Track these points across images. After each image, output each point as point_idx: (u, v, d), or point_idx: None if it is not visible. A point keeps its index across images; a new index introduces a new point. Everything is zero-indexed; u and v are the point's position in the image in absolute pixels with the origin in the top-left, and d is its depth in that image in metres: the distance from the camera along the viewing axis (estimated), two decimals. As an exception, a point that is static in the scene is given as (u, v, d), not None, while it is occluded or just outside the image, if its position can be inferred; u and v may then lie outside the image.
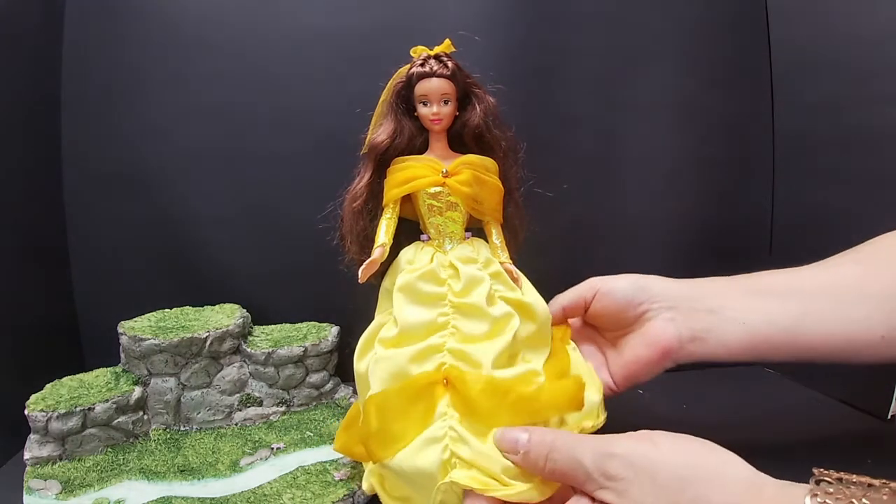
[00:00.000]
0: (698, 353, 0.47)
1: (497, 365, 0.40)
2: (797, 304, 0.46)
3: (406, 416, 0.38)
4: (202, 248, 0.68)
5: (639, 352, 0.48)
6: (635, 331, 0.49)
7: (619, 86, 0.70)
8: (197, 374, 0.58)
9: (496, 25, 0.66)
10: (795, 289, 0.47)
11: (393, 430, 0.38)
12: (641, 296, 0.48)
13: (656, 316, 0.48)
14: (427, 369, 0.40)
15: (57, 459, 0.52)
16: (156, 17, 0.66)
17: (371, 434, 0.39)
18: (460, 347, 0.40)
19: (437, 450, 0.37)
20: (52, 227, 0.66)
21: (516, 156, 0.49)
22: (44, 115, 0.65)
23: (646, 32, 0.69)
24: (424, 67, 0.45)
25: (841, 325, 0.45)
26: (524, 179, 0.51)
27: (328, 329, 0.64)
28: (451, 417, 0.38)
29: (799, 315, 0.45)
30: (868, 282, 0.45)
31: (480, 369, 0.39)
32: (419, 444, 0.38)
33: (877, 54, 0.59)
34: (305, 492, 0.48)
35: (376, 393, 0.40)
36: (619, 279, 0.50)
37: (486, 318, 0.42)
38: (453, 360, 0.40)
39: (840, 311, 0.45)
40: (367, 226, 0.47)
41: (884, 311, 0.44)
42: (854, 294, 0.45)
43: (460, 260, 0.44)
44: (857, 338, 0.44)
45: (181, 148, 0.67)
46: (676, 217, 0.72)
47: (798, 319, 0.45)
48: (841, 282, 0.46)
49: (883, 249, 0.48)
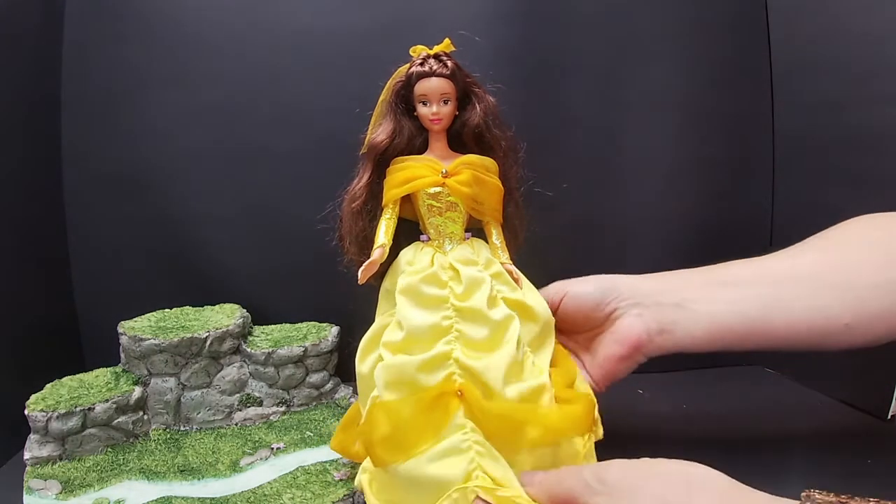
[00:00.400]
0: (667, 345, 0.48)
1: (508, 381, 0.40)
2: (761, 293, 0.46)
3: (419, 425, 0.38)
4: (202, 248, 0.68)
5: (611, 350, 0.49)
6: (606, 330, 0.50)
7: (619, 86, 0.70)
8: (197, 374, 0.58)
9: (496, 25, 0.66)
10: (760, 278, 0.48)
11: (404, 438, 0.38)
12: (609, 296, 0.49)
13: (624, 313, 0.49)
14: (437, 379, 0.40)
15: (57, 459, 0.52)
16: (156, 17, 0.66)
17: (378, 439, 0.39)
18: (469, 364, 0.40)
19: (461, 460, 0.37)
20: (52, 227, 0.66)
21: (516, 155, 0.49)
22: (44, 115, 0.65)
23: (646, 32, 0.69)
24: (424, 67, 0.45)
25: (805, 314, 0.45)
26: (524, 179, 0.51)
27: (328, 329, 0.64)
28: (472, 430, 0.38)
29: (763, 304, 0.46)
30: (832, 269, 0.46)
31: (493, 393, 0.39)
32: (437, 453, 0.38)
33: (877, 54, 0.58)
34: (305, 492, 0.48)
35: (387, 400, 0.40)
36: (586, 282, 0.50)
37: (487, 322, 0.41)
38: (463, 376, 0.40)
39: (804, 299, 0.45)
40: (367, 226, 0.47)
41: (846, 299, 0.44)
42: (817, 282, 0.46)
43: (460, 261, 0.44)
44: (821, 325, 0.45)
45: (181, 148, 0.67)
46: (676, 217, 0.72)
47: (762, 308, 0.46)
48: (805, 270, 0.47)
49: (848, 235, 0.48)
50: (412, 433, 0.38)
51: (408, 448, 0.38)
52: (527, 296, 0.45)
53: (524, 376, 0.42)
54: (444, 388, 0.39)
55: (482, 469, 0.37)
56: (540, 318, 0.45)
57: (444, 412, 0.39)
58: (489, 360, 0.40)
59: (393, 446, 0.38)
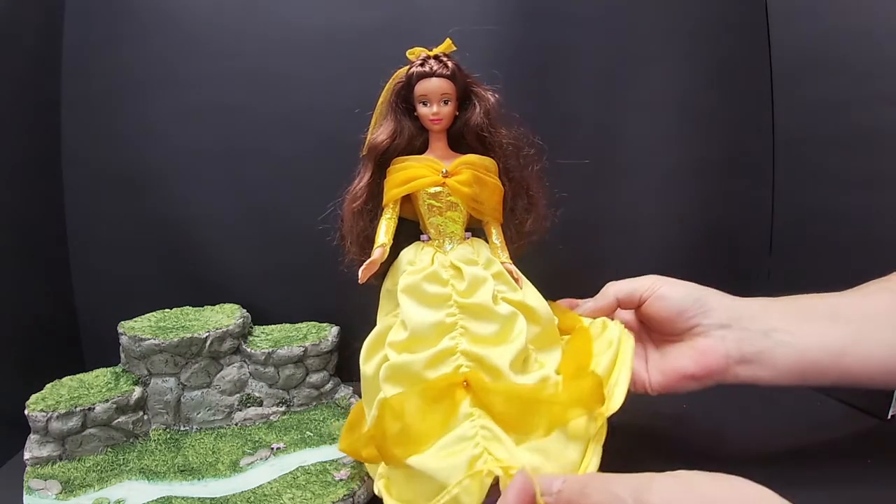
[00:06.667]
0: (744, 376, 0.46)
1: (514, 369, 0.40)
2: (844, 329, 0.46)
3: (426, 417, 0.38)
4: (202, 247, 0.68)
5: (682, 364, 0.47)
6: (684, 341, 0.48)
7: (620, 86, 0.70)
8: (197, 374, 0.58)
9: (496, 25, 0.66)
10: (841, 313, 0.47)
11: (413, 432, 0.38)
12: (696, 308, 0.47)
13: (708, 332, 0.47)
14: (444, 372, 0.40)
15: (57, 459, 0.52)
16: (156, 18, 0.66)
17: (387, 437, 0.38)
18: (475, 351, 0.40)
19: (468, 446, 0.37)
20: (52, 227, 0.66)
21: (519, 153, 0.49)
22: (44, 115, 0.65)
23: (646, 32, 0.69)
24: (424, 67, 0.45)
25: (881, 351, 0.45)
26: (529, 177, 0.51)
27: (328, 329, 0.64)
28: (480, 416, 0.38)
29: (846, 339, 0.45)
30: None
31: (500, 374, 0.39)
32: (447, 442, 0.37)
33: (877, 54, 0.59)
34: (305, 492, 0.48)
35: (392, 395, 0.39)
36: (678, 286, 0.49)
37: (494, 317, 0.41)
38: (468, 362, 0.40)
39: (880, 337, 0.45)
40: (367, 226, 0.47)
41: None
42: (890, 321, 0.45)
43: (461, 261, 0.44)
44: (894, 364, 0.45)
45: (181, 148, 0.67)
46: (676, 217, 0.72)
47: (845, 344, 0.45)
48: (878, 309, 0.46)
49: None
50: (421, 426, 0.38)
51: (418, 441, 0.38)
52: (527, 296, 0.45)
53: (529, 370, 0.42)
54: (450, 380, 0.39)
55: (488, 451, 0.37)
56: (541, 319, 0.45)
57: (451, 403, 0.39)
58: (497, 350, 0.40)
59: (404, 441, 0.38)
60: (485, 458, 0.37)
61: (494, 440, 0.37)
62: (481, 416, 0.38)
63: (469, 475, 0.36)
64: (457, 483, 0.36)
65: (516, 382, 0.39)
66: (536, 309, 0.45)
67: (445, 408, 0.39)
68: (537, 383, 0.40)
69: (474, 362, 0.40)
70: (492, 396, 0.38)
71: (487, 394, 0.38)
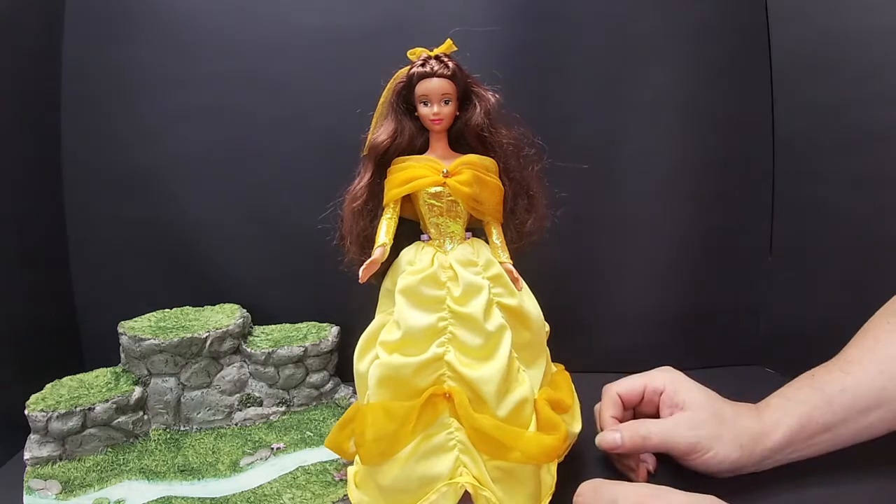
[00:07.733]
0: None
1: (500, 394, 0.41)
2: None
3: (406, 426, 0.40)
4: (202, 248, 0.68)
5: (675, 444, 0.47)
6: None
7: (620, 86, 0.70)
8: (197, 374, 0.58)
9: (497, 26, 0.66)
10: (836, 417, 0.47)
11: (394, 441, 0.40)
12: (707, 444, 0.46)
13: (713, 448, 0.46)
14: (429, 381, 0.42)
15: (57, 459, 0.52)
16: (155, 18, 0.66)
17: (369, 440, 0.41)
18: (463, 372, 0.41)
19: (448, 458, 0.41)
20: (52, 227, 0.66)
21: (520, 154, 0.49)
22: (44, 115, 0.65)
23: (646, 33, 0.69)
24: (425, 67, 0.45)
25: None
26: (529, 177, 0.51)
27: (328, 329, 0.64)
28: (458, 430, 0.41)
29: None
30: None
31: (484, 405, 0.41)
32: (424, 451, 0.41)
33: (877, 54, 0.59)
34: (305, 492, 0.48)
35: (375, 403, 0.41)
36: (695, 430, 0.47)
37: (481, 332, 0.42)
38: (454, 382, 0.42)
39: None
40: (368, 226, 0.47)
41: None
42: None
43: (460, 263, 0.44)
44: None
45: (181, 148, 0.67)
46: (676, 217, 0.72)
47: None
48: None
49: None
50: (402, 436, 0.40)
51: (397, 448, 0.41)
52: (524, 300, 0.46)
53: (513, 386, 0.43)
54: (434, 390, 0.41)
55: (464, 465, 0.41)
56: (534, 325, 0.46)
57: (432, 411, 0.41)
58: (483, 371, 0.42)
59: (383, 450, 0.41)
60: (461, 470, 0.40)
61: (469, 456, 0.41)
62: (458, 428, 0.41)
63: (448, 483, 0.40)
64: (435, 490, 0.40)
65: (497, 418, 0.41)
66: (531, 314, 0.46)
67: (427, 416, 0.41)
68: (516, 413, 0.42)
69: (460, 383, 0.42)
70: (471, 426, 0.41)
71: (468, 420, 0.41)
